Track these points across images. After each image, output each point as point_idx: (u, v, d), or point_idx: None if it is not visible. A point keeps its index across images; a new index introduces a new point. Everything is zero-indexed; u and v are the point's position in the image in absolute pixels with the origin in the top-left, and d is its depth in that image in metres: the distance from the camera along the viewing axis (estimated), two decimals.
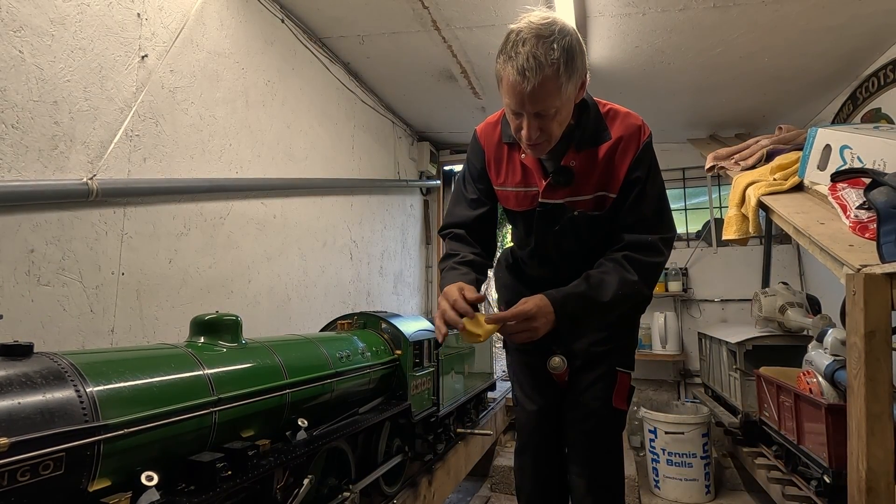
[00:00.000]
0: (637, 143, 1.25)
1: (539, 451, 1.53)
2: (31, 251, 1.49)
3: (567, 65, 1.06)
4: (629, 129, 1.25)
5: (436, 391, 2.17)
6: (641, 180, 1.24)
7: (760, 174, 2.31)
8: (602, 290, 1.19)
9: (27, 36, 1.48)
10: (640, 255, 1.23)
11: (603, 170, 1.25)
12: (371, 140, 3.75)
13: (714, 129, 4.33)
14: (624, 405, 1.41)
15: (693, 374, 4.44)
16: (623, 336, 1.44)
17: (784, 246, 4.41)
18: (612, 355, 1.41)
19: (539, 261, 1.44)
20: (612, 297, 1.18)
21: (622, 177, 1.24)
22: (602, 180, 1.26)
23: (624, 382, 1.41)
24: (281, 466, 1.17)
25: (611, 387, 1.39)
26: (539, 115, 1.10)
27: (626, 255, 1.23)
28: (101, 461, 0.79)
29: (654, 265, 1.24)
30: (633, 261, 1.22)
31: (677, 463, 3.19)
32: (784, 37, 2.89)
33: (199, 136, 2.13)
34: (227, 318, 1.23)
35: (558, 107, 1.10)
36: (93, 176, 1.65)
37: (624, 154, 1.24)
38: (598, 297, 1.18)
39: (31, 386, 0.74)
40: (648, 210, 1.26)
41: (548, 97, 1.07)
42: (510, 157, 1.33)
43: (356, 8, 2.68)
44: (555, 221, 1.32)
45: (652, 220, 1.26)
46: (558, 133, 1.18)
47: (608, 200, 1.27)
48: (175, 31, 2.01)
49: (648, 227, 1.25)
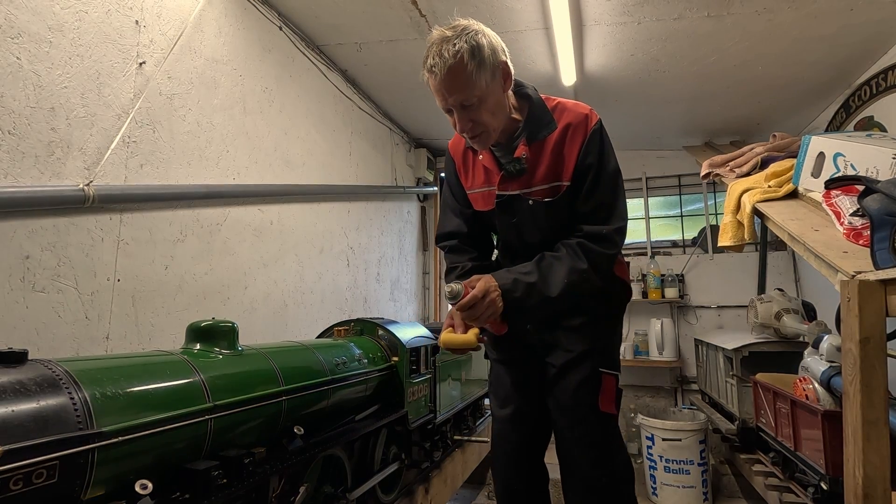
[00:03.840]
0: (584, 129, 1.29)
1: (509, 461, 1.48)
2: (27, 257, 1.48)
3: (473, 55, 1.15)
4: (576, 118, 1.30)
5: (433, 398, 2.16)
6: (593, 167, 1.28)
7: (755, 181, 2.32)
8: (550, 273, 1.26)
9: (25, 42, 1.49)
10: (593, 245, 1.27)
11: (553, 158, 1.30)
12: (368, 147, 3.76)
13: (709, 136, 4.36)
14: (613, 408, 1.37)
15: (690, 380, 4.44)
16: (603, 334, 1.41)
17: (779, 252, 4.44)
18: (592, 356, 1.37)
19: (510, 258, 1.46)
20: (559, 282, 1.24)
21: (573, 164, 1.28)
22: (554, 169, 1.30)
23: (610, 385, 1.36)
24: (277, 474, 1.16)
25: (595, 390, 1.35)
26: (463, 106, 1.19)
27: (580, 243, 1.28)
28: (95, 469, 0.78)
29: (606, 256, 1.29)
30: (587, 249, 1.27)
31: (675, 470, 3.18)
32: (777, 46, 2.92)
33: (196, 143, 2.13)
34: (223, 324, 1.23)
35: (479, 96, 1.18)
36: (89, 182, 1.65)
37: (572, 141, 1.29)
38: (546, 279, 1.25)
39: (24, 393, 0.74)
40: (602, 198, 1.30)
41: (460, 86, 1.16)
42: (474, 161, 1.43)
43: (354, 16, 2.69)
44: (513, 213, 1.36)
45: (606, 209, 1.30)
46: (494, 123, 1.24)
47: (562, 188, 1.30)
48: (173, 38, 2.02)
49: (604, 216, 1.30)
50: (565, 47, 2.88)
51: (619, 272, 1.42)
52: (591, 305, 1.37)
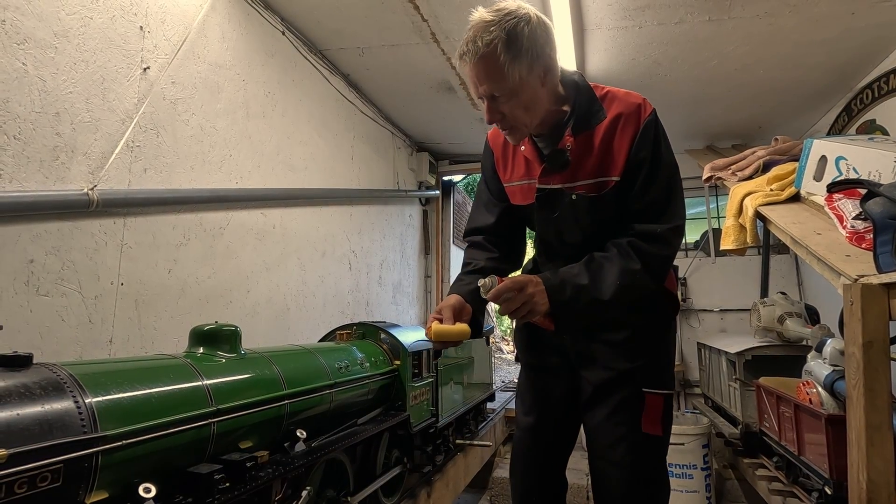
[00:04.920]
0: (637, 120, 1.17)
1: (527, 469, 1.41)
2: (31, 261, 1.49)
3: (508, 46, 1.07)
4: (628, 108, 1.18)
5: (435, 402, 2.16)
6: (646, 162, 1.16)
7: (757, 185, 2.32)
8: (601, 275, 1.14)
9: (31, 49, 1.50)
10: (646, 245, 1.15)
11: (602, 151, 1.18)
12: (370, 151, 3.77)
13: (711, 139, 4.37)
14: (657, 429, 1.23)
15: (692, 384, 4.43)
16: (648, 351, 1.26)
17: (782, 256, 4.43)
18: (635, 376, 1.23)
19: (547, 257, 1.37)
20: (611, 284, 1.13)
21: (623, 158, 1.17)
22: (602, 163, 1.19)
23: (655, 404, 1.23)
24: (279, 478, 1.16)
25: (637, 411, 1.22)
26: (494, 97, 1.12)
27: (631, 242, 1.16)
28: (99, 473, 0.79)
29: (661, 257, 1.17)
30: (639, 249, 1.15)
31: (678, 475, 3.16)
32: (779, 49, 2.93)
33: (199, 147, 2.14)
34: (226, 328, 1.23)
35: (512, 89, 1.10)
36: (93, 187, 1.66)
37: (623, 133, 1.17)
38: (597, 281, 1.14)
39: (29, 397, 0.74)
40: (656, 196, 1.17)
41: (491, 76, 1.09)
42: (514, 152, 1.33)
43: (356, 20, 2.71)
44: (553, 208, 1.25)
45: (660, 206, 1.17)
46: (527, 119, 1.16)
47: (610, 184, 1.19)
48: (177, 43, 2.03)
49: (657, 215, 1.17)
50: (567, 52, 2.89)
51: (669, 283, 1.28)
52: (634, 318, 1.24)
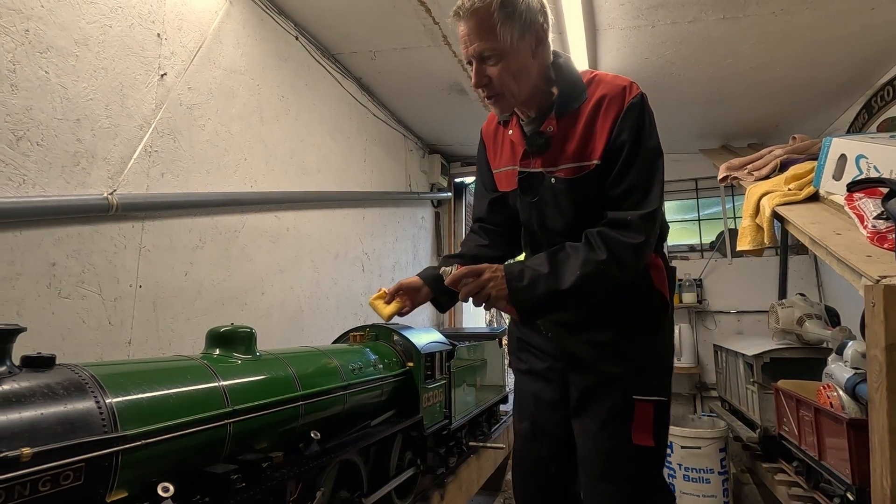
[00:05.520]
0: (621, 102, 1.13)
1: (526, 480, 1.35)
2: (53, 264, 1.53)
3: (503, 4, 1.08)
4: (613, 89, 1.15)
5: (448, 404, 2.16)
6: (626, 145, 1.12)
7: (774, 184, 2.29)
8: (563, 264, 1.11)
9: (53, 57, 1.54)
10: (614, 233, 1.11)
11: (584, 134, 1.15)
12: (383, 153, 3.79)
13: (726, 139, 4.31)
14: (649, 440, 1.16)
15: (709, 387, 4.37)
16: (638, 353, 1.20)
17: (801, 256, 4.35)
18: (624, 380, 1.18)
19: (531, 248, 1.33)
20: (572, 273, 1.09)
21: (604, 141, 1.13)
22: (584, 146, 1.15)
23: (645, 414, 1.16)
24: (294, 479, 1.17)
25: (627, 420, 1.16)
26: (482, 58, 1.11)
27: (600, 231, 1.12)
28: (119, 472, 0.80)
29: (629, 246, 1.10)
30: (606, 238, 1.10)
31: (694, 479, 3.12)
32: (795, 47, 2.88)
33: (214, 151, 2.17)
34: (241, 330, 1.25)
35: (501, 51, 1.09)
36: (113, 191, 1.69)
37: (606, 115, 1.13)
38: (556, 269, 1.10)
39: (52, 397, 0.76)
40: (634, 182, 1.12)
41: (482, 34, 1.09)
42: (503, 139, 1.31)
43: (368, 24, 2.73)
44: (534, 192, 1.22)
45: (638, 194, 1.12)
46: (514, 87, 1.13)
47: (589, 168, 1.15)
48: (193, 49, 2.07)
49: (634, 203, 1.12)
50: (579, 52, 2.88)
51: (656, 280, 1.22)
52: (622, 316, 1.20)
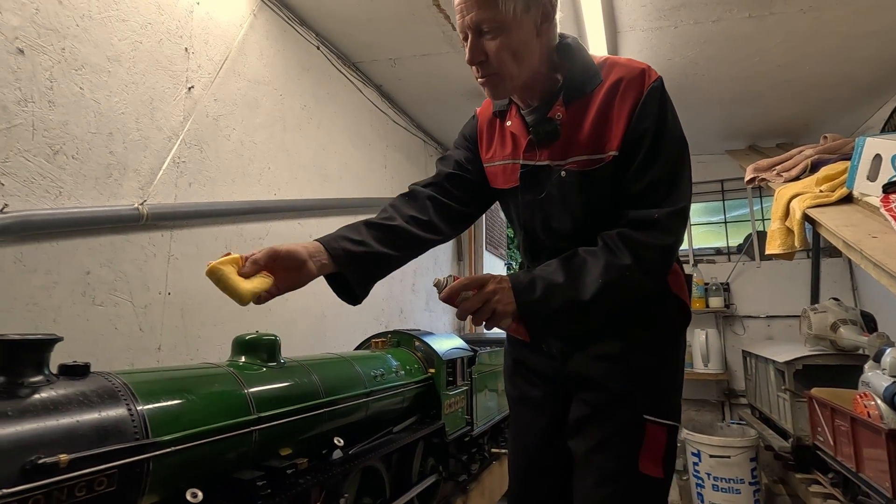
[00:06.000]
0: (640, 87, 1.01)
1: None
2: (87, 273, 1.58)
3: None
4: (630, 72, 1.02)
5: (469, 410, 2.15)
6: (649, 134, 0.99)
7: (805, 186, 2.22)
8: (581, 271, 0.96)
9: (87, 73, 1.60)
10: (638, 234, 0.97)
11: (598, 122, 1.02)
12: (403, 159, 3.82)
13: (753, 139, 4.20)
14: (659, 470, 1.00)
15: (738, 393, 4.25)
16: (651, 369, 1.04)
17: (834, 259, 4.20)
18: (635, 398, 1.02)
19: (532, 255, 1.16)
20: (593, 281, 0.94)
21: (622, 130, 1.00)
22: (597, 135, 1.02)
23: (658, 438, 1.00)
24: (318, 485, 1.18)
25: (635, 444, 1.00)
26: (480, 31, 0.98)
27: (621, 233, 0.98)
28: (150, 478, 0.82)
29: (656, 248, 0.96)
30: (630, 240, 0.96)
31: (724, 489, 3.03)
32: (825, 44, 2.80)
33: (239, 161, 2.22)
34: (265, 337, 1.27)
35: (501, 23, 0.96)
36: (143, 201, 1.75)
37: (623, 101, 1.01)
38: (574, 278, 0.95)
39: (87, 405, 0.79)
40: (659, 176, 0.99)
41: (481, 3, 0.96)
42: (500, 129, 1.17)
43: (388, 33, 2.76)
44: (539, 188, 1.07)
45: (663, 189, 0.99)
46: (513, 68, 1.00)
47: (605, 160, 1.02)
48: (219, 62, 2.12)
49: (657, 199, 0.98)
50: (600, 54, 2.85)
51: (674, 286, 1.08)
52: (634, 328, 1.04)
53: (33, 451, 0.68)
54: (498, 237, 5.66)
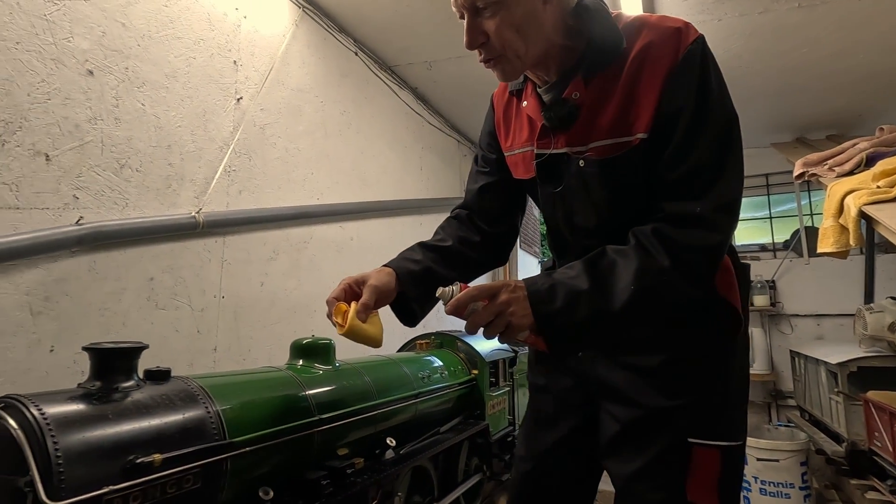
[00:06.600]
0: (673, 52, 0.82)
1: None
2: (151, 279, 1.67)
3: None
4: (661, 34, 0.84)
5: (512, 410, 2.17)
6: (686, 111, 0.82)
7: (861, 181, 2.13)
8: (609, 276, 0.81)
9: (147, 90, 1.69)
10: (677, 232, 0.81)
11: (623, 100, 0.85)
12: (437, 160, 3.85)
13: (801, 131, 4.04)
14: (712, 498, 0.86)
15: (786, 395, 4.11)
16: (697, 385, 0.89)
17: (889, 255, 4.00)
18: (675, 418, 0.87)
19: (557, 253, 1.04)
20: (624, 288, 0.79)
21: (653, 105, 0.83)
22: (622, 115, 0.85)
23: (709, 462, 0.86)
24: (374, 484, 1.22)
25: (680, 471, 0.86)
26: (476, 9, 0.85)
27: (657, 230, 0.82)
28: (227, 477, 0.88)
29: (700, 249, 0.81)
30: (667, 239, 0.81)
31: (772, 493, 2.94)
32: (879, 31, 2.67)
33: (284, 168, 2.30)
34: (321, 342, 1.32)
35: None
36: (199, 210, 1.83)
37: (654, 70, 0.83)
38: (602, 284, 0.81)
39: (171, 407, 0.85)
40: (701, 161, 0.82)
41: None
42: (517, 111, 1.03)
43: (423, 37, 2.79)
44: (557, 180, 0.93)
45: (706, 177, 0.83)
46: (520, 45, 0.86)
47: (632, 143, 0.85)
48: (264, 73, 2.20)
49: (700, 189, 0.82)
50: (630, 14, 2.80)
51: (722, 287, 0.90)
52: (675, 337, 0.89)
53: (130, 450, 0.74)
54: (531, 235, 5.59)
